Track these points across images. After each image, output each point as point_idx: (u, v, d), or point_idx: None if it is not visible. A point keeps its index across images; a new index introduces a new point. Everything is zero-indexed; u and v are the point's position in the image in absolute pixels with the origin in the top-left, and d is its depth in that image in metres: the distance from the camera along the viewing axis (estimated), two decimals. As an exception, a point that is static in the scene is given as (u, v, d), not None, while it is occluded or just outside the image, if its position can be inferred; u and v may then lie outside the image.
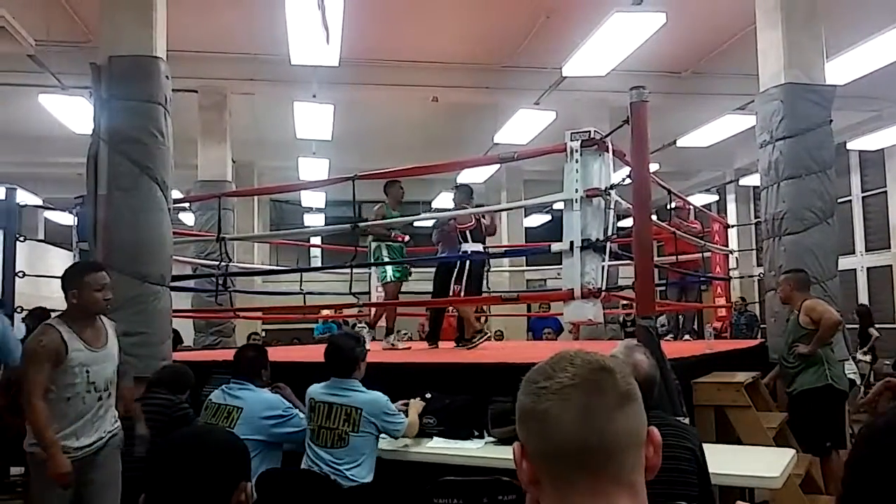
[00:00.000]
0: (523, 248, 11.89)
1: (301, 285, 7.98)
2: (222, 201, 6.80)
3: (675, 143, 10.33)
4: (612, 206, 4.07)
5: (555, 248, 4.20)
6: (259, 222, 13.62)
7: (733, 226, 11.79)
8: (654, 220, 4.63)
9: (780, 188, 5.37)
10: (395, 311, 6.55)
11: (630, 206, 3.94)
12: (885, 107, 9.92)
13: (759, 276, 9.84)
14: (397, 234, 6.23)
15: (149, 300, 4.45)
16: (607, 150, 4.08)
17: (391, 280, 6.23)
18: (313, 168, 11.50)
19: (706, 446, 2.36)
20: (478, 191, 14.03)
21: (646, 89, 3.80)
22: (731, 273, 10.26)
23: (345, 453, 3.17)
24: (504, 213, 13.41)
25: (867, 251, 11.61)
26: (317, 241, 12.69)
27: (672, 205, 6.60)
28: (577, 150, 4.04)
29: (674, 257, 6.52)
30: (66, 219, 10.26)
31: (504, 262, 11.89)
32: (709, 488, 2.31)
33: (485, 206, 13.29)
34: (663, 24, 6.07)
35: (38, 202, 11.57)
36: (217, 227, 6.34)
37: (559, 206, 4.31)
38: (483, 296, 7.19)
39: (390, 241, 6.22)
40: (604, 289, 4.01)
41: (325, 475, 3.12)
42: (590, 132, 4.06)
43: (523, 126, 9.34)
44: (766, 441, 3.94)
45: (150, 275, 4.47)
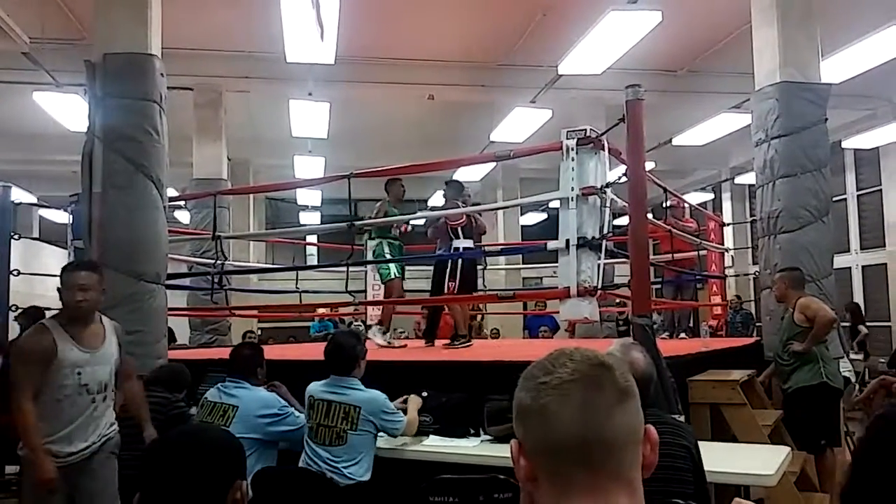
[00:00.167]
0: (519, 246, 11.90)
1: (297, 283, 7.97)
2: (218, 199, 6.77)
3: (670, 141, 10.34)
4: (607, 204, 4.09)
5: (551, 246, 4.20)
6: (255, 220, 13.60)
7: (729, 224, 11.81)
8: (650, 218, 4.64)
9: (776, 186, 5.38)
10: (393, 309, 6.55)
11: (626, 204, 3.95)
12: (879, 105, 9.94)
13: (754, 274, 9.89)
14: (403, 227, 6.19)
15: (144, 298, 4.44)
16: (603, 149, 4.08)
17: (394, 277, 6.22)
18: (309, 166, 11.49)
19: (701, 444, 2.36)
20: (474, 189, 14.08)
21: (641, 88, 3.80)
22: (726, 271, 10.26)
23: (343, 451, 3.17)
24: (500, 212, 13.43)
25: (862, 249, 11.64)
26: (313, 239, 12.69)
27: (668, 203, 6.61)
28: (573, 149, 4.05)
29: (670, 255, 6.53)
30: (61, 217, 10.21)
31: (500, 260, 11.88)
32: (704, 486, 2.31)
33: (481, 204, 13.36)
34: (659, 23, 6.08)
35: (33, 200, 11.47)
36: (212, 225, 6.33)
37: (555, 204, 4.32)
38: (479, 294, 7.20)
39: (392, 239, 6.20)
40: (600, 287, 4.01)
41: (322, 473, 3.12)
42: (586, 130, 4.07)
43: (519, 124, 9.34)
44: (761, 439, 3.96)
45: (145, 273, 4.46)
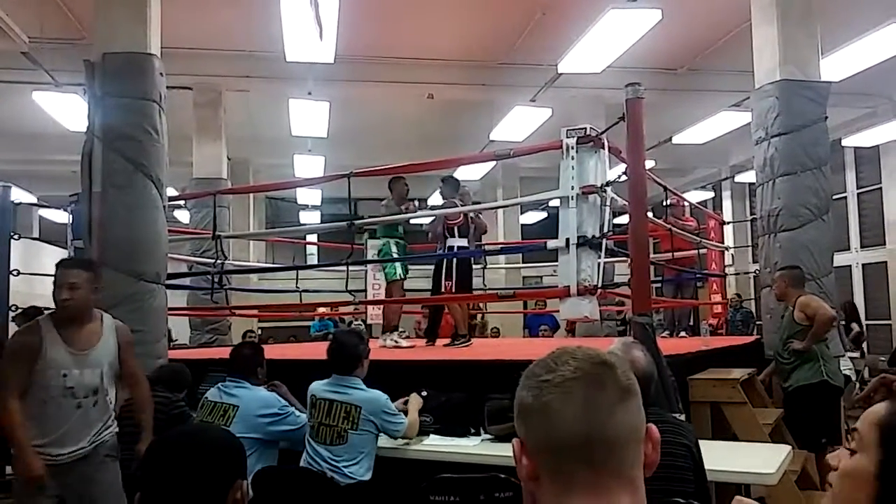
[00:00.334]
0: (519, 244, 11.89)
1: (297, 283, 7.97)
2: (217, 199, 6.78)
3: (670, 139, 10.34)
4: (607, 202, 4.08)
5: (551, 244, 4.20)
6: (255, 220, 13.60)
7: (729, 222, 11.81)
8: (650, 216, 4.63)
9: (776, 185, 5.37)
10: (401, 309, 6.54)
11: (626, 202, 3.94)
12: (879, 103, 9.93)
13: (754, 272, 9.86)
14: (408, 204, 6.08)
15: (144, 298, 4.44)
16: (603, 147, 4.08)
17: (400, 277, 6.20)
18: (309, 165, 11.49)
19: (702, 443, 2.36)
20: (473, 188, 14.07)
21: (641, 86, 3.80)
22: (726, 270, 10.26)
23: (343, 451, 3.16)
24: (500, 210, 13.42)
25: (862, 248, 11.63)
26: (313, 238, 12.69)
27: (668, 201, 6.61)
28: (573, 147, 4.04)
29: (670, 254, 6.52)
30: (60, 216, 10.21)
31: (500, 258, 11.89)
32: (705, 485, 2.31)
33: (481, 203, 13.35)
34: (659, 21, 6.08)
35: (33, 200, 11.47)
36: (212, 224, 6.33)
37: (555, 203, 4.32)
38: (479, 293, 7.20)
39: (399, 238, 6.18)
40: (600, 286, 4.01)
41: (322, 473, 3.12)
42: (586, 129, 4.07)
43: (519, 123, 9.34)
44: (761, 437, 3.96)
45: (145, 273, 4.46)
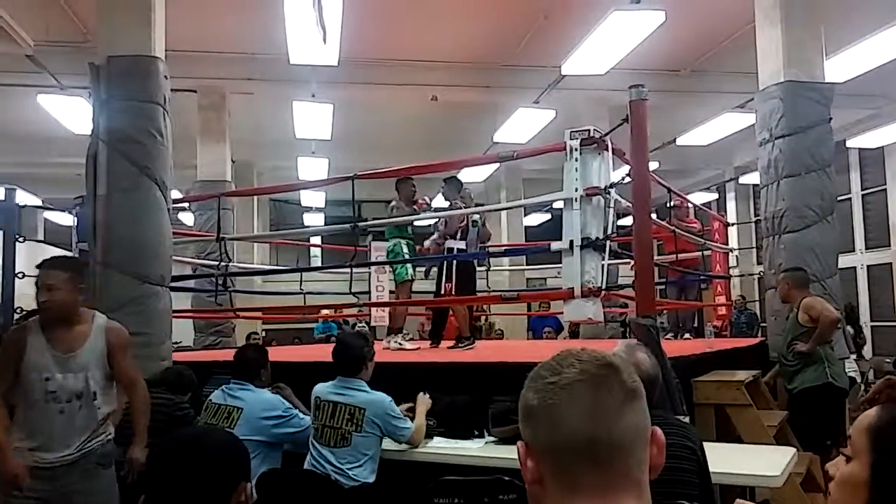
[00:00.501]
0: (523, 246, 11.90)
1: (301, 285, 7.98)
2: (222, 201, 6.79)
3: (674, 141, 10.33)
4: (611, 204, 4.07)
5: (554, 246, 4.19)
6: (259, 222, 13.62)
7: (733, 224, 11.79)
8: (654, 218, 4.63)
9: (780, 186, 5.37)
10: (407, 311, 6.53)
11: (630, 204, 3.94)
12: (884, 104, 9.91)
13: (759, 274, 9.85)
14: (422, 202, 6.08)
15: (148, 300, 4.44)
16: (607, 149, 4.07)
17: (411, 278, 6.18)
18: (313, 167, 11.51)
19: (706, 445, 2.36)
20: (477, 189, 14.11)
21: (645, 88, 3.79)
22: (731, 271, 10.25)
23: (347, 453, 3.17)
24: (504, 212, 13.42)
25: (867, 249, 11.60)
26: (317, 240, 12.69)
27: (672, 203, 6.60)
28: (576, 149, 4.03)
29: (674, 256, 6.51)
30: (65, 219, 10.27)
31: (504, 260, 11.89)
32: (709, 487, 2.30)
33: (485, 205, 13.34)
34: (662, 23, 6.07)
35: (38, 203, 11.57)
36: (217, 226, 6.34)
37: (559, 204, 4.31)
38: (483, 295, 7.20)
39: (409, 239, 6.16)
40: (604, 287, 4.01)
41: (327, 475, 3.12)
42: (589, 131, 4.06)
43: (523, 125, 9.34)
44: (766, 440, 3.94)
45: (149, 275, 4.47)
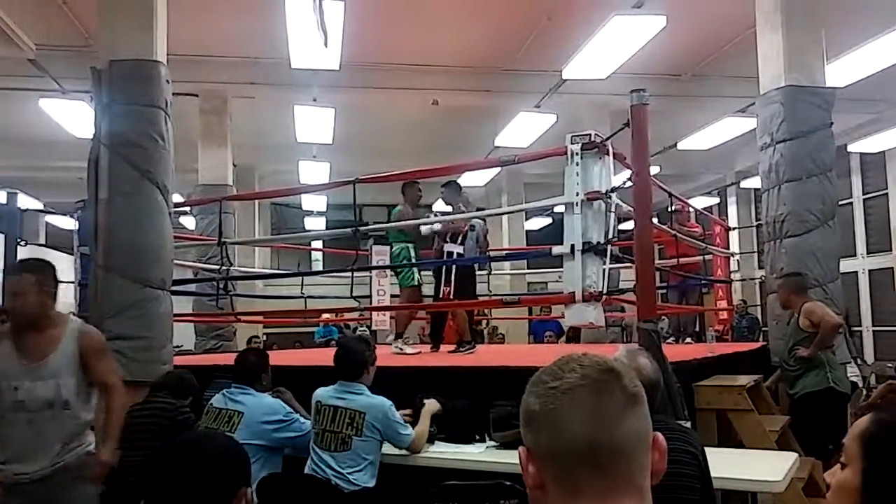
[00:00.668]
0: (524, 250, 11.90)
1: (302, 289, 7.98)
2: (223, 205, 6.81)
3: (675, 145, 10.33)
4: (612, 209, 4.07)
5: (556, 251, 4.19)
6: (260, 226, 13.62)
7: (734, 228, 11.77)
8: (655, 222, 4.63)
9: (781, 191, 5.36)
10: (411, 315, 6.52)
11: (631, 208, 3.94)
12: (885, 109, 9.91)
13: (760, 278, 9.85)
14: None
15: (149, 304, 4.45)
16: (608, 153, 4.08)
17: (417, 284, 6.17)
18: (314, 171, 11.51)
19: (708, 450, 2.35)
20: (478, 194, 14.12)
21: (646, 92, 3.80)
22: (732, 276, 10.24)
23: (347, 457, 3.16)
24: (505, 216, 13.43)
25: (868, 254, 11.59)
26: (318, 244, 12.70)
27: (673, 207, 6.60)
28: (577, 153, 4.04)
29: (675, 260, 6.51)
30: (67, 223, 10.29)
31: (505, 265, 11.89)
32: (711, 492, 2.30)
33: (485, 209, 13.32)
34: (663, 27, 6.08)
35: (40, 206, 11.62)
36: (218, 230, 6.35)
37: (560, 209, 4.31)
38: (484, 299, 7.19)
39: (414, 243, 6.13)
40: (605, 292, 4.00)
41: (327, 480, 3.12)
42: (590, 135, 4.07)
43: (524, 129, 9.34)
44: (768, 444, 3.93)
45: (150, 279, 4.47)
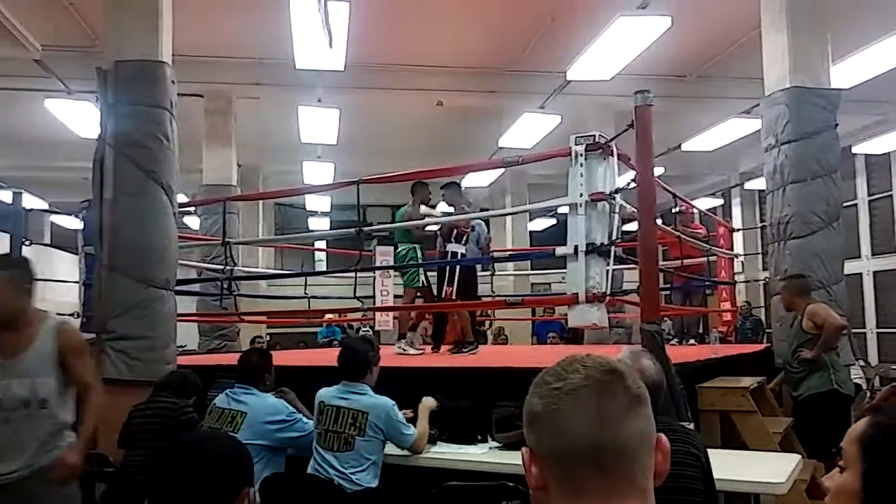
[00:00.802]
0: (528, 251, 11.90)
1: (306, 289, 7.99)
2: (227, 205, 6.81)
3: (680, 146, 10.32)
4: (616, 209, 4.07)
5: (559, 251, 4.19)
6: (264, 226, 13.64)
7: (738, 230, 11.74)
8: (659, 224, 4.62)
9: (786, 192, 5.35)
10: (419, 315, 6.53)
11: (635, 209, 3.94)
12: (890, 110, 9.87)
13: (764, 280, 9.80)
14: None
15: (154, 304, 4.46)
16: (612, 154, 4.08)
17: (423, 285, 6.17)
18: (318, 172, 11.53)
19: (711, 451, 2.35)
20: (482, 194, 14.13)
21: (650, 93, 3.79)
22: (736, 277, 10.21)
23: (350, 457, 3.17)
24: (509, 217, 13.44)
25: (873, 255, 11.56)
26: (322, 244, 12.71)
27: (677, 209, 6.59)
28: (581, 154, 4.04)
29: (679, 261, 6.50)
30: (72, 223, 10.31)
31: (509, 265, 11.89)
32: (714, 494, 2.29)
33: (489, 209, 13.31)
34: (668, 28, 6.08)
35: (45, 206, 11.65)
36: (222, 230, 6.36)
37: (564, 210, 4.31)
38: (487, 300, 7.19)
39: (421, 244, 6.15)
40: (608, 293, 4.00)
41: (330, 480, 3.12)
42: (594, 136, 4.07)
43: (528, 130, 9.35)
44: (771, 446, 3.93)
45: (155, 279, 4.49)
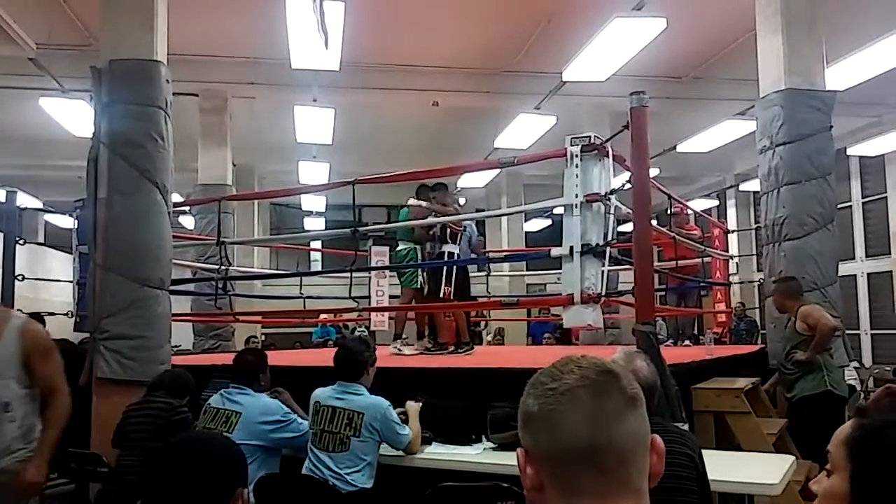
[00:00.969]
0: (523, 252, 11.91)
1: (301, 289, 7.98)
2: (222, 205, 6.80)
3: (675, 148, 10.33)
4: (611, 210, 4.08)
5: (555, 252, 4.20)
6: (259, 226, 13.62)
7: (733, 231, 11.78)
8: (654, 225, 4.63)
9: (781, 194, 5.37)
10: (407, 316, 6.54)
11: (630, 210, 3.94)
12: (885, 112, 9.92)
13: (759, 281, 9.84)
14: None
15: (148, 304, 4.45)
16: (607, 155, 4.09)
17: (419, 286, 6.16)
18: (313, 172, 11.52)
19: (705, 452, 2.35)
20: (478, 195, 14.14)
21: (646, 94, 3.79)
22: (731, 278, 10.24)
23: (345, 458, 3.16)
24: (504, 218, 13.45)
25: (867, 257, 11.60)
26: (317, 244, 12.70)
27: (672, 210, 6.60)
28: (577, 155, 4.04)
29: (674, 262, 6.51)
30: (66, 222, 10.29)
31: (504, 266, 11.89)
32: (708, 495, 2.30)
33: (485, 210, 13.35)
34: (664, 30, 6.08)
35: (39, 205, 11.60)
36: (217, 230, 6.35)
37: (559, 210, 4.31)
38: (482, 300, 7.19)
39: (421, 244, 6.14)
40: (603, 294, 4.01)
41: (325, 480, 3.11)
42: (590, 137, 4.07)
43: (523, 130, 9.34)
44: (765, 447, 3.94)
45: (149, 278, 4.47)
